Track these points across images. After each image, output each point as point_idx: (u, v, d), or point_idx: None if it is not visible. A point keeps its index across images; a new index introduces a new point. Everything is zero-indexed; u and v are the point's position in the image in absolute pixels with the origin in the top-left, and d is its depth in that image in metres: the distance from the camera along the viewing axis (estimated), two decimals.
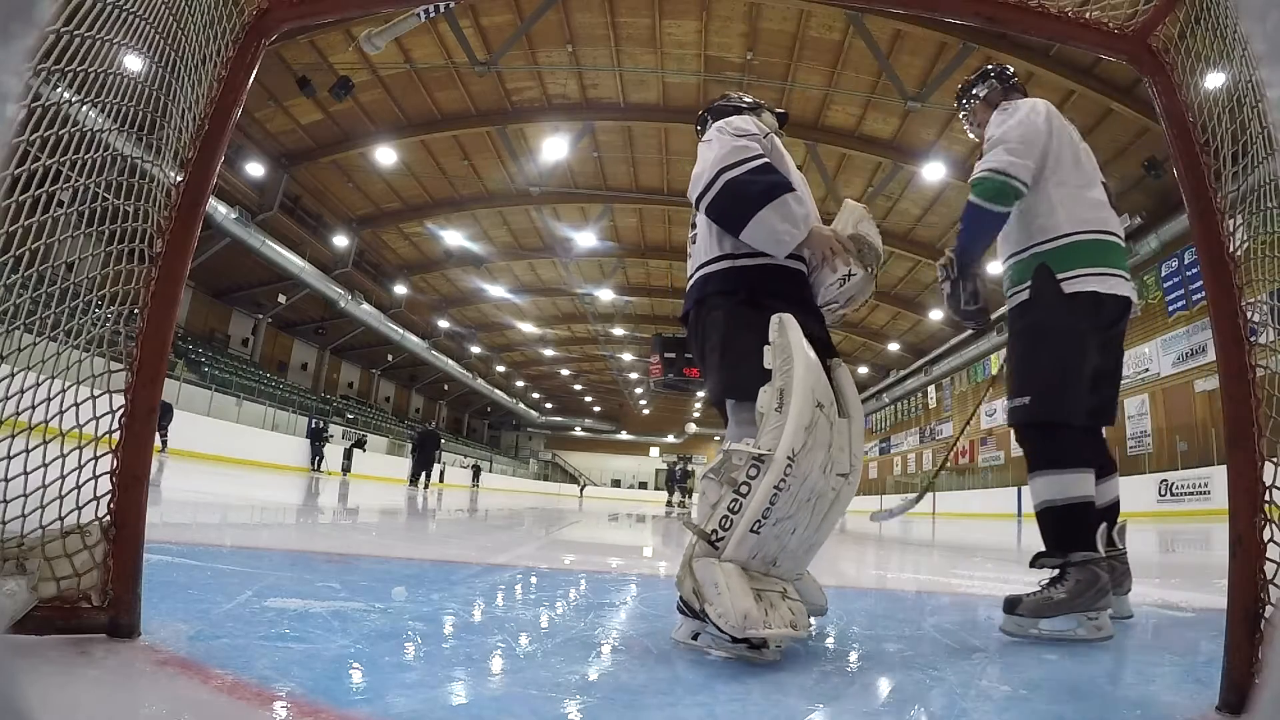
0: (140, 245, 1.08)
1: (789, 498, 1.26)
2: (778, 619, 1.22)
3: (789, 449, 1.25)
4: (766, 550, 1.28)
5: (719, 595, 1.19)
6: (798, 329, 1.37)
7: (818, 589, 1.55)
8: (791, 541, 1.31)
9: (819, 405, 1.30)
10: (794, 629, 1.24)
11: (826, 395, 1.33)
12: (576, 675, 1.10)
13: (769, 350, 1.36)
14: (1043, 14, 1.17)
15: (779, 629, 1.20)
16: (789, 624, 1.23)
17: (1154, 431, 15.47)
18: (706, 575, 1.23)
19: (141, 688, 0.90)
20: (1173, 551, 6.12)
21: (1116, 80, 12.22)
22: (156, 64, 1.07)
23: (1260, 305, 1.05)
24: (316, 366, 27.76)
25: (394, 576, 2.13)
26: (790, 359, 1.33)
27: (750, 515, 1.24)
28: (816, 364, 1.34)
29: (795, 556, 1.35)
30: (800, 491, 1.27)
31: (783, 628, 1.21)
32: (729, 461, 1.30)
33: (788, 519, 1.27)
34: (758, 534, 1.25)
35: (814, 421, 1.28)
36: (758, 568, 1.28)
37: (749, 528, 1.24)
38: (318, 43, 13.51)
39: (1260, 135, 1.01)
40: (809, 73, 13.96)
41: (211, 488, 6.78)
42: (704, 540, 1.27)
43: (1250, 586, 0.97)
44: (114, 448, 1.06)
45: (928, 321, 23.34)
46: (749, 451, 1.28)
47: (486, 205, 19.28)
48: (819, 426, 1.29)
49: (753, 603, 1.19)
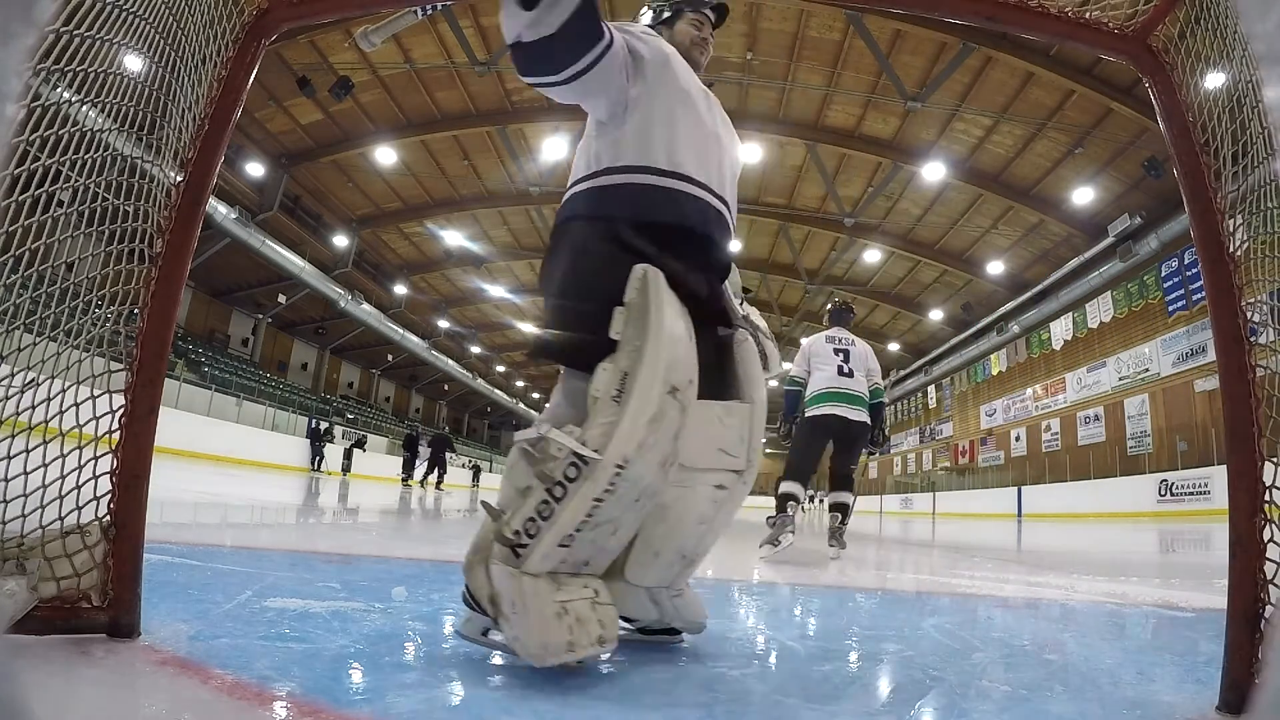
0: (140, 245, 1.08)
1: (614, 504, 1.04)
2: (585, 637, 1.03)
3: (620, 455, 1.01)
4: (579, 555, 1.08)
5: (517, 616, 1.01)
6: (665, 290, 1.10)
7: (699, 604, 1.31)
8: (611, 542, 1.12)
9: (673, 391, 1.06)
10: (601, 644, 1.06)
11: (686, 376, 1.10)
12: (577, 675, 1.10)
13: (619, 314, 1.10)
14: (1043, 14, 1.17)
15: (585, 650, 1.03)
16: (596, 639, 1.05)
17: (1154, 431, 15.48)
18: (505, 588, 1.02)
19: (141, 688, 0.90)
20: (1173, 551, 6.12)
21: (1116, 80, 12.22)
22: (156, 64, 1.07)
23: (1260, 305, 1.05)
24: (316, 366, 27.77)
25: (394, 576, 2.12)
26: (645, 333, 1.06)
27: (562, 528, 1.02)
28: (680, 338, 1.09)
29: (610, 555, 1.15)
30: (629, 493, 1.05)
31: (589, 647, 1.04)
32: (545, 449, 1.04)
33: (608, 522, 1.07)
34: (568, 547, 1.04)
35: (661, 412, 1.04)
36: (566, 570, 1.08)
37: (558, 541, 1.02)
38: (318, 43, 13.52)
39: (1260, 135, 1.01)
40: (809, 73, 13.96)
41: (211, 488, 6.78)
42: (503, 544, 1.04)
43: (1250, 586, 0.97)
44: (114, 448, 1.06)
45: (928, 321, 23.34)
46: (570, 446, 1.02)
47: (486, 205, 19.29)
48: (667, 418, 1.05)
49: (555, 628, 1.00)
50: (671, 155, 1.28)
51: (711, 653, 1.31)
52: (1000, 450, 21.71)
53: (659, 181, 1.26)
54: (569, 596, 1.05)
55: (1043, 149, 14.68)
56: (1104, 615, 2.20)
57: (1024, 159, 15.12)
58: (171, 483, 6.30)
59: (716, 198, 1.33)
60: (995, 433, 22.21)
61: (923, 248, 19.40)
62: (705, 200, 1.30)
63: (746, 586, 2.68)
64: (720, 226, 1.33)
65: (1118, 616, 2.17)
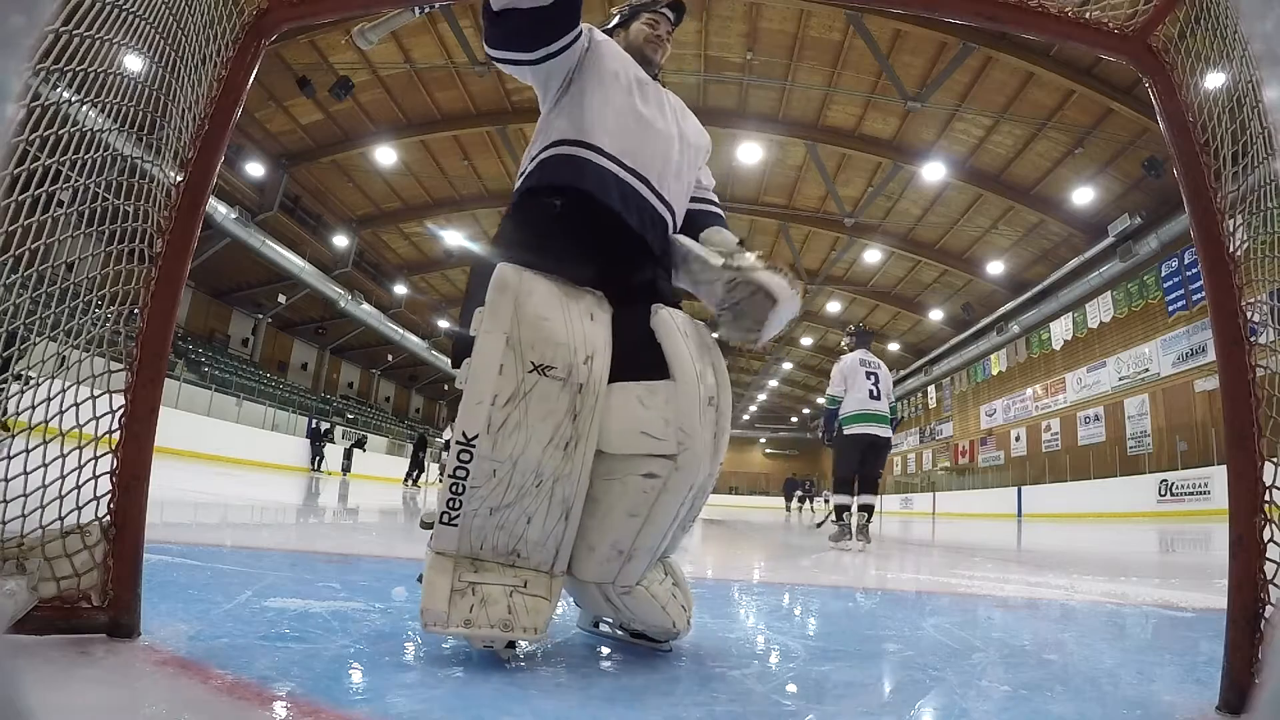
0: (140, 245, 1.08)
1: (495, 484, 1.08)
2: (484, 617, 1.07)
3: (460, 431, 1.07)
4: (495, 541, 1.12)
5: (423, 586, 1.09)
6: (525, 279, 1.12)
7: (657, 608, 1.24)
8: (530, 531, 1.12)
9: (537, 369, 1.08)
10: (506, 629, 1.08)
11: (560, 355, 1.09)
12: (577, 675, 1.10)
13: (477, 315, 1.11)
14: (1043, 14, 1.17)
15: (479, 629, 1.06)
16: (500, 623, 1.08)
17: (1154, 431, 15.48)
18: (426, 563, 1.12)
19: (141, 688, 0.90)
20: (1173, 551, 6.12)
21: (1116, 80, 12.22)
22: (156, 64, 1.07)
23: (1260, 305, 1.05)
24: (316, 366, 27.77)
25: (394, 576, 2.12)
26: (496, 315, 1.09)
27: (440, 504, 1.10)
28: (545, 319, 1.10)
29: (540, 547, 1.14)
30: (514, 476, 1.08)
31: (485, 628, 1.07)
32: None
33: (508, 507, 1.10)
34: (454, 526, 1.10)
35: (520, 392, 1.07)
36: (491, 558, 1.13)
37: (442, 519, 1.10)
38: (318, 43, 13.52)
39: (1260, 135, 1.01)
40: (809, 73, 13.96)
41: (211, 488, 6.78)
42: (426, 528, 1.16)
43: (1250, 586, 0.97)
44: (114, 448, 1.06)
45: (928, 321, 23.34)
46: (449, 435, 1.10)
47: (486, 205, 19.28)
48: (534, 396, 1.08)
49: (443, 600, 1.06)
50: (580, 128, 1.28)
51: (711, 653, 1.31)
52: (1000, 450, 21.70)
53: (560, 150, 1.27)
54: (483, 579, 1.11)
55: (1043, 149, 14.68)
56: (1104, 615, 2.20)
57: (1024, 159, 15.12)
58: (171, 483, 6.30)
59: (639, 180, 1.29)
60: (995, 433, 22.21)
61: (923, 248, 19.40)
62: (614, 174, 1.26)
63: (746, 586, 2.68)
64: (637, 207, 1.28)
65: (1118, 616, 2.17)
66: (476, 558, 1.12)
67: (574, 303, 1.16)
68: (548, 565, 1.16)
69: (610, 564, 1.17)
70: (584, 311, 1.16)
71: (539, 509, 1.12)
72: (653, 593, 1.23)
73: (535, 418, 1.08)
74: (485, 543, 1.12)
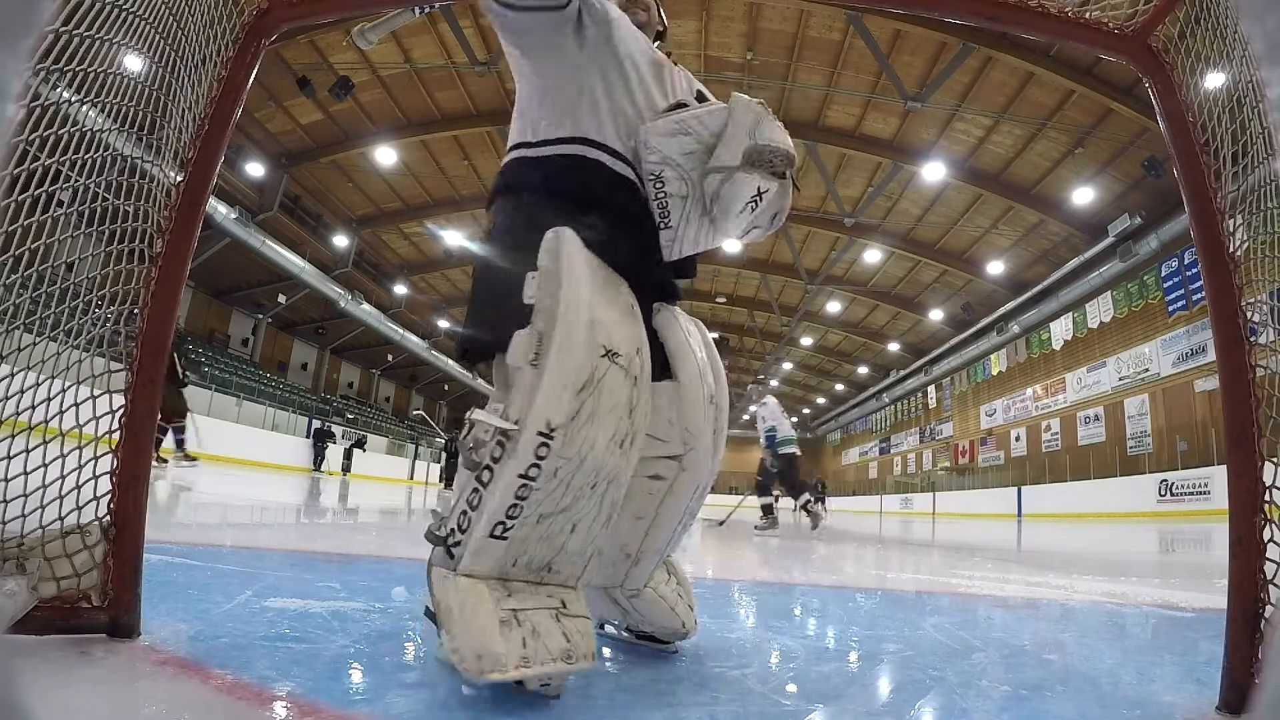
0: (140, 245, 1.08)
1: (551, 484, 0.92)
2: (543, 651, 0.89)
3: (543, 420, 0.89)
4: (532, 555, 0.95)
5: (453, 623, 0.87)
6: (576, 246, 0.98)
7: (666, 609, 1.18)
8: (572, 541, 0.98)
9: (609, 354, 0.94)
10: (569, 660, 0.92)
11: (627, 342, 0.98)
12: (578, 675, 1.10)
13: (531, 279, 0.97)
14: (1043, 14, 1.17)
15: (542, 666, 0.88)
16: (561, 655, 0.91)
17: (1154, 431, 15.48)
18: (442, 593, 0.90)
19: (141, 688, 0.89)
20: (1173, 551, 6.12)
21: (1116, 80, 12.22)
22: (156, 64, 1.07)
23: (1260, 305, 1.05)
24: (316, 366, 27.77)
25: (394, 576, 2.12)
26: (558, 290, 0.93)
27: (490, 516, 0.90)
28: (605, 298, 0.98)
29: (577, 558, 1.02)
30: (569, 473, 0.93)
31: (548, 663, 0.89)
32: (474, 435, 0.93)
33: (559, 513, 0.94)
34: (503, 539, 0.91)
35: (594, 378, 0.92)
36: (522, 576, 0.96)
37: (488, 532, 0.90)
38: (318, 43, 13.52)
39: (1260, 135, 1.01)
40: (809, 73, 13.96)
41: (211, 488, 6.78)
42: (437, 544, 0.95)
43: (1250, 586, 0.97)
44: (114, 448, 1.06)
45: (928, 321, 23.34)
46: (493, 423, 0.91)
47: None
48: (606, 385, 0.94)
49: (495, 636, 0.86)
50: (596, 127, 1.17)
51: (711, 653, 1.31)
52: (1000, 450, 21.71)
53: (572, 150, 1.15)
54: (521, 605, 0.93)
55: (1043, 149, 14.68)
56: (1104, 615, 2.20)
57: (1024, 159, 15.12)
58: (171, 483, 6.31)
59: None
60: (995, 433, 22.21)
61: (923, 248, 19.40)
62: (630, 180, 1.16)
63: (746, 586, 2.68)
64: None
65: (1117, 616, 2.17)
66: (506, 578, 0.94)
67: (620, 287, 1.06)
68: (575, 579, 1.04)
69: (618, 567, 1.16)
70: (628, 299, 1.06)
71: (585, 515, 0.98)
72: (661, 594, 1.22)
73: (605, 409, 0.94)
74: (521, 558, 0.95)
